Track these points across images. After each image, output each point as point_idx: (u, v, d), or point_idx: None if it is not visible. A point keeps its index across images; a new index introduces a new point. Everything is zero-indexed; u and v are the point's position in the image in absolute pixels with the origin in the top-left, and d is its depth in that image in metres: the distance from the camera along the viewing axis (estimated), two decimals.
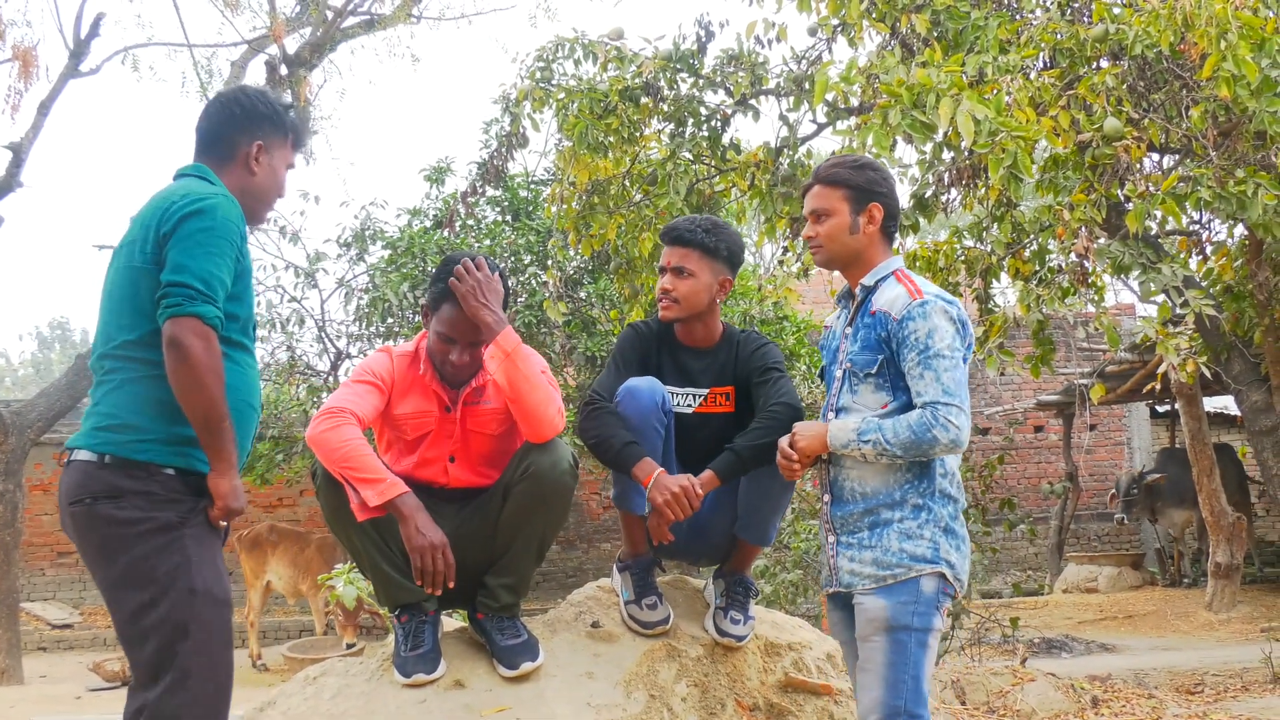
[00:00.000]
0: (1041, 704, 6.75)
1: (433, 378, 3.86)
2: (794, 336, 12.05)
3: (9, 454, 10.93)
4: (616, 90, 7.59)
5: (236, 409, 3.06)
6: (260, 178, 3.25)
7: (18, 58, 11.20)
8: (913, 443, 3.19)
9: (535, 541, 3.79)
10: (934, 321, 3.21)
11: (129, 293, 3.02)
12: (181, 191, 3.03)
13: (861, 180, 3.41)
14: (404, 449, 3.89)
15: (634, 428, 3.74)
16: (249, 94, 3.31)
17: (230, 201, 3.04)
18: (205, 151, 3.24)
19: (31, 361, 50.59)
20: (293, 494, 16.57)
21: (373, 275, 12.52)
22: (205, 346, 2.89)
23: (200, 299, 2.90)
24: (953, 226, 7.88)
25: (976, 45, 6.54)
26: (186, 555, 2.95)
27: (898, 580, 3.22)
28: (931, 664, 3.26)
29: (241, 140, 3.23)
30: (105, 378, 3.04)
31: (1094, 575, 14.49)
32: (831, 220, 3.41)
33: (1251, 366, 8.28)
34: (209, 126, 3.26)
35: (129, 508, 2.94)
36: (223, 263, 2.96)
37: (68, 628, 14.77)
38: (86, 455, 3.00)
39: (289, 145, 3.34)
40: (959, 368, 3.22)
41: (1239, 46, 5.73)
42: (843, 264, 3.45)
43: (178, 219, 2.96)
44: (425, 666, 3.74)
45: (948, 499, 3.30)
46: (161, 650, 2.92)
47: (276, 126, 3.29)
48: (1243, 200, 6.13)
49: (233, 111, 3.25)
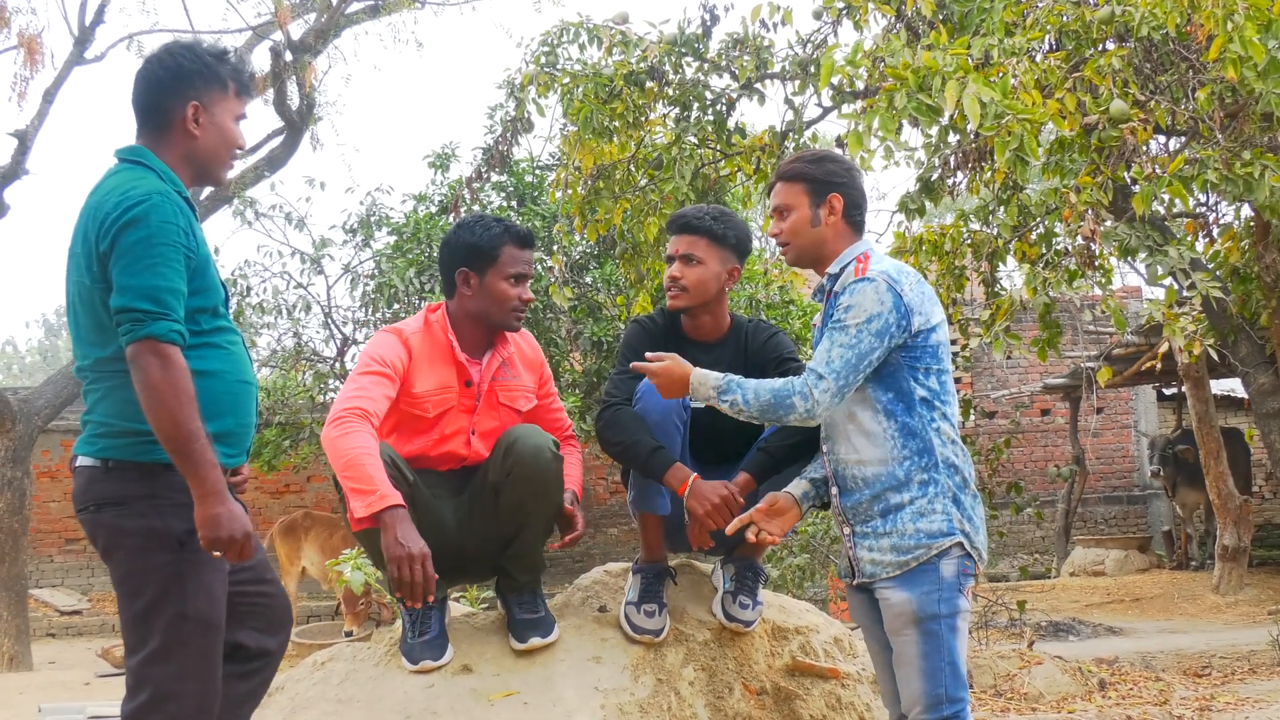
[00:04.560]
0: (1049, 687, 6.75)
1: (459, 348, 3.85)
2: (800, 321, 12.05)
3: (16, 441, 10.96)
4: (621, 75, 7.57)
5: (231, 390, 3.02)
6: (204, 139, 3.05)
7: (23, 45, 11.20)
8: (771, 405, 3.22)
9: (540, 526, 3.82)
10: (857, 298, 3.20)
11: (88, 311, 2.92)
12: (114, 197, 2.86)
13: (819, 172, 3.40)
14: (420, 427, 3.83)
15: (654, 425, 3.71)
16: (173, 52, 3.06)
17: (165, 196, 2.87)
18: (144, 123, 3.06)
19: (39, 349, 50.65)
20: (299, 480, 16.60)
21: (379, 261, 12.52)
22: (162, 366, 2.76)
23: (150, 319, 2.77)
24: (959, 210, 7.86)
25: (982, 28, 6.52)
26: (181, 577, 2.88)
27: (920, 563, 3.21)
28: (964, 646, 3.26)
29: (175, 105, 3.02)
30: (92, 387, 2.97)
31: (1101, 558, 14.49)
32: (793, 215, 3.40)
33: (1258, 349, 8.27)
34: (139, 97, 3.05)
35: (133, 515, 2.89)
36: (169, 270, 2.82)
37: (76, 614, 14.82)
38: (89, 461, 2.95)
39: (231, 95, 3.10)
40: (856, 348, 3.18)
41: (1246, 28, 5.70)
42: (812, 259, 3.44)
43: (113, 234, 2.81)
44: (432, 653, 3.75)
45: (952, 468, 3.27)
46: (143, 667, 2.89)
47: (211, 80, 3.06)
48: (1250, 182, 6.11)
49: (158, 75, 3.03)
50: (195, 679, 2.91)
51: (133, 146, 3.06)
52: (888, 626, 3.30)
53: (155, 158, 3.01)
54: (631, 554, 9.27)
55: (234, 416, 3.04)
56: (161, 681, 2.88)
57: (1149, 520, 16.91)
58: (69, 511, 16.14)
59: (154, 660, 2.88)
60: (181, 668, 2.89)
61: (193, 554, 2.89)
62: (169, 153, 3.04)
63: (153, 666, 2.88)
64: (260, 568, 3.19)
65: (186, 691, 2.89)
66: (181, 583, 2.88)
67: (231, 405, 3.04)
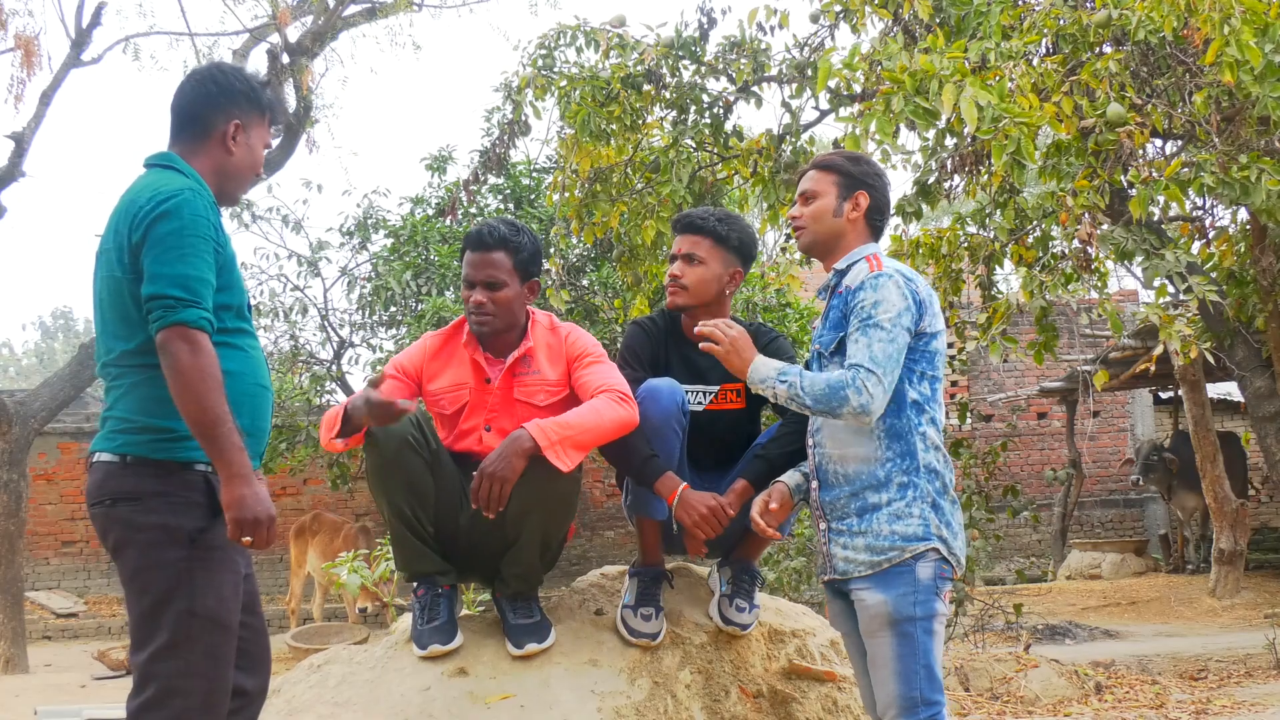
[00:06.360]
0: (1045, 690, 6.76)
1: (475, 349, 3.87)
2: (797, 324, 12.05)
3: (13, 443, 10.94)
4: (618, 77, 7.58)
5: (248, 392, 3.05)
6: (238, 157, 3.15)
7: (20, 47, 11.17)
8: (825, 396, 3.19)
9: (538, 539, 3.76)
10: (883, 293, 3.23)
11: (116, 304, 2.98)
12: (148, 193, 2.94)
13: (854, 168, 3.45)
14: (442, 423, 3.92)
15: (653, 430, 3.70)
16: (225, 70, 3.20)
17: (196, 193, 2.96)
18: (180, 130, 3.14)
19: (35, 351, 50.61)
20: (296, 483, 16.58)
21: (375, 264, 12.53)
22: (192, 352, 2.82)
23: (181, 305, 2.83)
24: (956, 213, 7.87)
25: (979, 31, 6.53)
26: (191, 574, 2.90)
27: (892, 564, 3.22)
28: (940, 649, 3.26)
29: (218, 119, 3.12)
30: (114, 383, 3.01)
31: (1097, 562, 14.49)
32: (818, 201, 3.44)
33: (1255, 352, 8.28)
34: (184, 105, 3.15)
35: (146, 511, 2.91)
36: (199, 261, 2.89)
37: (72, 617, 14.80)
38: (108, 457, 2.97)
39: (266, 124, 3.23)
40: (894, 342, 3.20)
41: (1242, 31, 5.71)
42: (824, 249, 3.46)
43: (146, 225, 2.89)
44: (441, 638, 3.76)
45: (933, 474, 3.28)
46: (149, 663, 2.91)
47: (254, 104, 3.18)
48: (1246, 186, 6.12)
49: (209, 89, 3.14)
50: (202, 676, 2.92)
51: (163, 153, 3.13)
52: (863, 628, 3.30)
53: (185, 164, 3.09)
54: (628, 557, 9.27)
55: (249, 418, 3.05)
56: (168, 677, 2.89)
57: (1145, 524, 16.91)
58: (65, 514, 16.13)
59: (161, 656, 2.89)
60: (188, 664, 2.90)
61: (204, 551, 2.92)
62: (200, 163, 3.11)
63: (159, 662, 2.89)
64: (252, 598, 3.18)
65: (192, 688, 2.90)
66: (191, 579, 2.90)
67: (248, 407, 3.05)
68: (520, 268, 3.84)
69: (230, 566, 2.99)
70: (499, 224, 3.88)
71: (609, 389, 3.71)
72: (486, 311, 3.80)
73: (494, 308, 3.80)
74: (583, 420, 3.61)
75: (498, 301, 3.80)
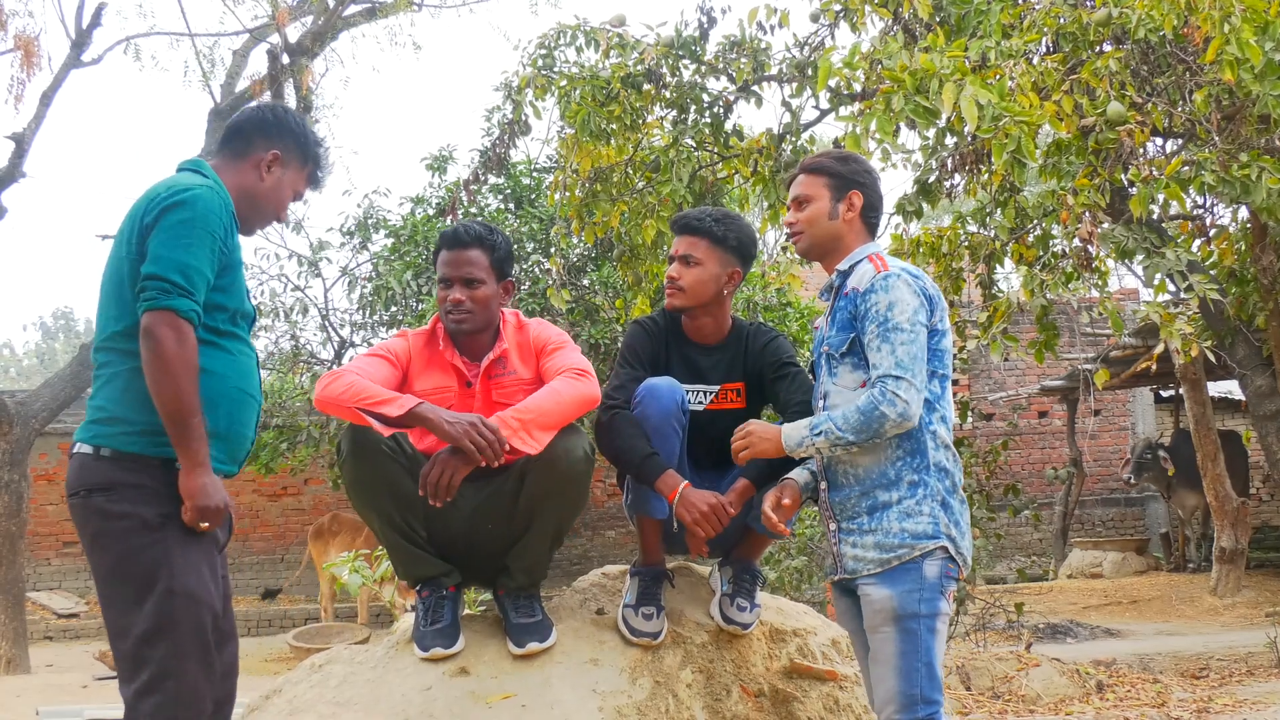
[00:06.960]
0: (1046, 689, 6.76)
1: (452, 352, 3.86)
2: (798, 323, 12.05)
3: (14, 444, 10.94)
4: (619, 77, 7.58)
5: (228, 395, 3.08)
6: (267, 186, 3.24)
7: (20, 48, 11.19)
8: (863, 425, 3.19)
9: (551, 527, 3.77)
10: (896, 294, 3.23)
11: (115, 284, 3.03)
12: (168, 184, 3.03)
13: (844, 169, 3.45)
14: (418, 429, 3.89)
15: (653, 428, 3.70)
16: (288, 111, 3.35)
17: (215, 193, 3.03)
18: (223, 145, 3.26)
19: (36, 352, 50.62)
20: (297, 483, 16.60)
21: (376, 264, 12.54)
22: (177, 339, 2.87)
23: (176, 292, 2.89)
24: (956, 212, 7.87)
25: (979, 30, 6.53)
26: (169, 555, 2.95)
27: (901, 562, 3.22)
28: (942, 648, 3.26)
29: (260, 143, 3.23)
30: (100, 371, 3.07)
31: (1099, 560, 14.48)
32: (812, 206, 3.44)
33: (1255, 351, 8.28)
34: (236, 122, 3.29)
35: (120, 501, 2.96)
36: (201, 254, 2.95)
37: (74, 617, 14.81)
38: (84, 448, 3.02)
39: (305, 173, 3.34)
40: (916, 342, 3.21)
41: (1242, 30, 5.71)
42: (822, 252, 3.47)
43: (160, 210, 2.96)
44: (444, 641, 3.75)
45: (943, 472, 3.29)
46: (138, 648, 2.93)
47: (300, 148, 3.29)
48: (1246, 184, 6.12)
49: (264, 115, 3.28)
50: (194, 657, 2.95)
51: (195, 159, 3.22)
52: (867, 623, 3.30)
53: (214, 174, 3.16)
54: (629, 556, 9.28)
55: (226, 421, 3.08)
56: (160, 660, 2.91)
57: (1147, 522, 16.91)
58: (66, 515, 15.96)
59: (148, 640, 2.92)
60: (178, 645, 2.93)
61: (176, 533, 2.97)
62: (229, 179, 3.19)
63: (148, 647, 2.92)
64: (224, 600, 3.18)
65: (186, 670, 2.93)
66: (169, 561, 2.95)
67: (226, 410, 3.08)
68: (496, 266, 3.85)
69: (206, 550, 3.04)
70: (474, 224, 3.91)
71: (567, 368, 3.75)
72: (465, 309, 3.80)
73: (472, 305, 3.80)
74: (541, 403, 3.62)
75: (476, 299, 3.80)
